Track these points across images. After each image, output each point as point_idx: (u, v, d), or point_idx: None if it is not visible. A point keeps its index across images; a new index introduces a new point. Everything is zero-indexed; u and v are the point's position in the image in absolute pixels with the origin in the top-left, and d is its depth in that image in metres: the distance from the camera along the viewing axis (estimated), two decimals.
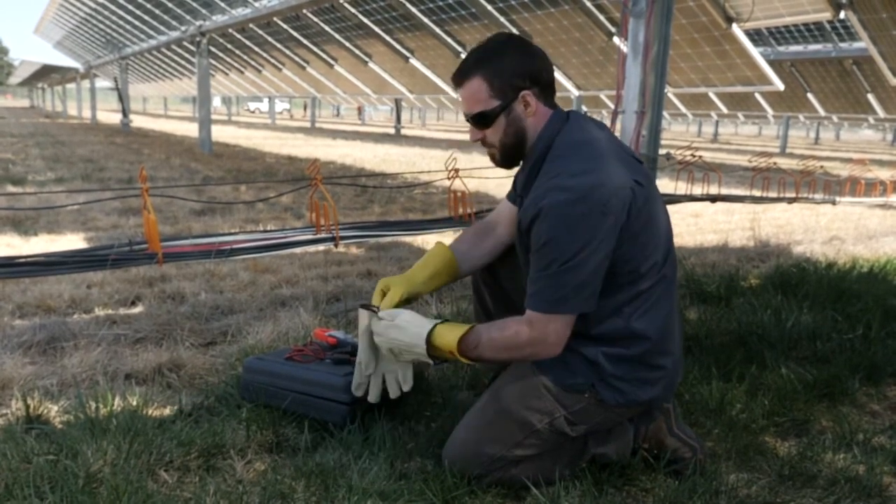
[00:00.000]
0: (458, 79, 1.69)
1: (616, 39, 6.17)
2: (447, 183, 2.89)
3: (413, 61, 9.74)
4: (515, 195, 1.85)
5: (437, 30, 8.19)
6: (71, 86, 36.05)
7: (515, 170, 1.81)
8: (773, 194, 4.31)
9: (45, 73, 35.13)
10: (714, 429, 2.02)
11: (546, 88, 1.68)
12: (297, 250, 4.24)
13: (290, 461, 1.79)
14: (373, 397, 1.82)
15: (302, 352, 2.10)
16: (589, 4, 6.01)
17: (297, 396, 1.96)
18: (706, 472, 1.78)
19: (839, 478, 1.79)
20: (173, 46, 15.47)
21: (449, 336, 1.63)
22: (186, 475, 1.72)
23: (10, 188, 6.73)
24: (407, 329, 1.67)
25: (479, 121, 1.68)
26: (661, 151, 3.92)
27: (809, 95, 14.62)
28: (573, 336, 1.63)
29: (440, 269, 1.85)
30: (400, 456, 1.80)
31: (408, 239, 4.68)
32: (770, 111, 15.85)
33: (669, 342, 1.68)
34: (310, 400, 1.95)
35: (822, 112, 14.92)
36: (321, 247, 3.37)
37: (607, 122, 2.56)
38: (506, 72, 1.63)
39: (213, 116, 36.63)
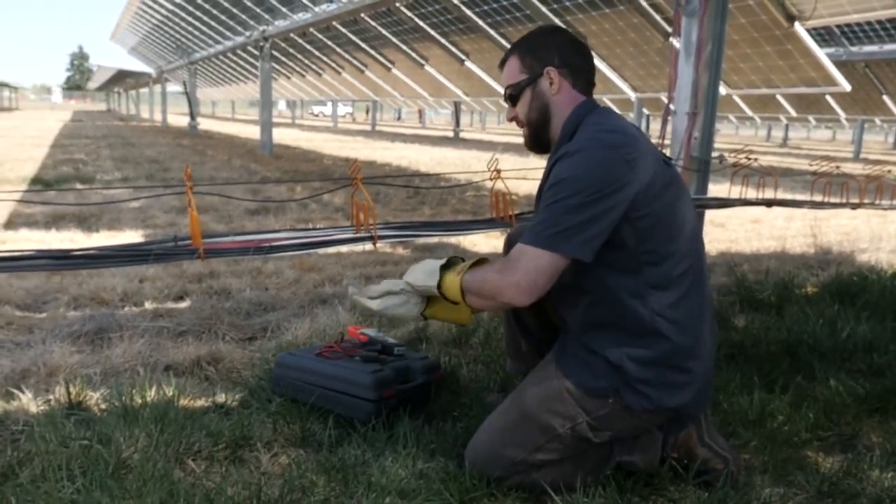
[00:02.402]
0: (501, 63, 1.79)
1: (673, 40, 6.03)
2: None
3: (468, 64, 9.75)
4: None
5: (492, 32, 8.18)
6: (144, 90, 37.52)
7: None
8: (836, 199, 4.12)
9: (121, 78, 36.67)
10: (752, 441, 1.94)
11: (576, 72, 1.71)
12: (344, 249, 4.30)
13: (314, 456, 1.80)
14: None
15: (332, 348, 2.12)
16: (645, 4, 5.89)
17: (324, 392, 1.98)
18: (739, 485, 1.70)
19: (885, 497, 1.69)
20: (238, 51, 15.92)
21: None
22: (213, 465, 1.75)
23: (79, 186, 7.03)
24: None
25: (510, 96, 1.76)
26: (714, 154, 3.79)
27: (885, 97, 13.98)
28: (594, 334, 1.60)
29: None
30: (423, 455, 1.79)
31: (453, 240, 4.68)
32: (842, 114, 15.22)
33: (698, 344, 1.62)
34: (337, 396, 1.96)
35: None
36: (367, 246, 3.40)
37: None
38: (536, 49, 1.72)
39: (278, 120, 37.53)
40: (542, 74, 1.70)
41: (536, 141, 1.77)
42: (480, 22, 8.13)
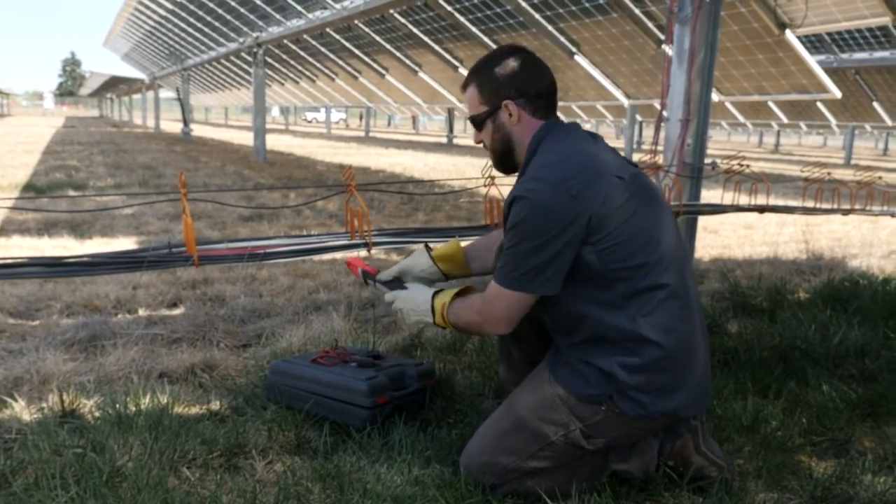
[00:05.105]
0: (462, 87, 1.82)
1: (665, 47, 6.06)
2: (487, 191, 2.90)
3: (462, 70, 9.76)
4: None
5: (486, 39, 8.20)
6: (137, 96, 37.42)
7: None
8: (827, 205, 4.15)
9: (114, 84, 36.59)
10: (746, 446, 1.95)
11: (535, 100, 1.72)
12: (338, 255, 4.29)
13: (310, 463, 1.80)
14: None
15: (327, 355, 2.12)
16: (638, 12, 5.92)
17: (319, 399, 1.98)
18: (733, 491, 1.71)
19: (877, 501, 1.70)
20: (232, 57, 15.91)
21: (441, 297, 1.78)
22: (208, 473, 1.75)
23: (71, 192, 7.01)
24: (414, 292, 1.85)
25: (474, 124, 1.80)
26: (707, 161, 3.81)
27: (875, 104, 14.07)
28: (585, 347, 1.61)
29: (453, 254, 1.99)
30: (418, 461, 1.79)
31: None
32: (833, 120, 15.31)
33: (687, 347, 1.62)
34: (332, 403, 1.96)
35: (889, 122, 14.34)
36: (362, 253, 3.40)
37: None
38: (493, 81, 1.73)
39: (271, 126, 37.46)
40: (501, 107, 1.72)
41: (502, 166, 1.82)
42: (474, 29, 8.16)
